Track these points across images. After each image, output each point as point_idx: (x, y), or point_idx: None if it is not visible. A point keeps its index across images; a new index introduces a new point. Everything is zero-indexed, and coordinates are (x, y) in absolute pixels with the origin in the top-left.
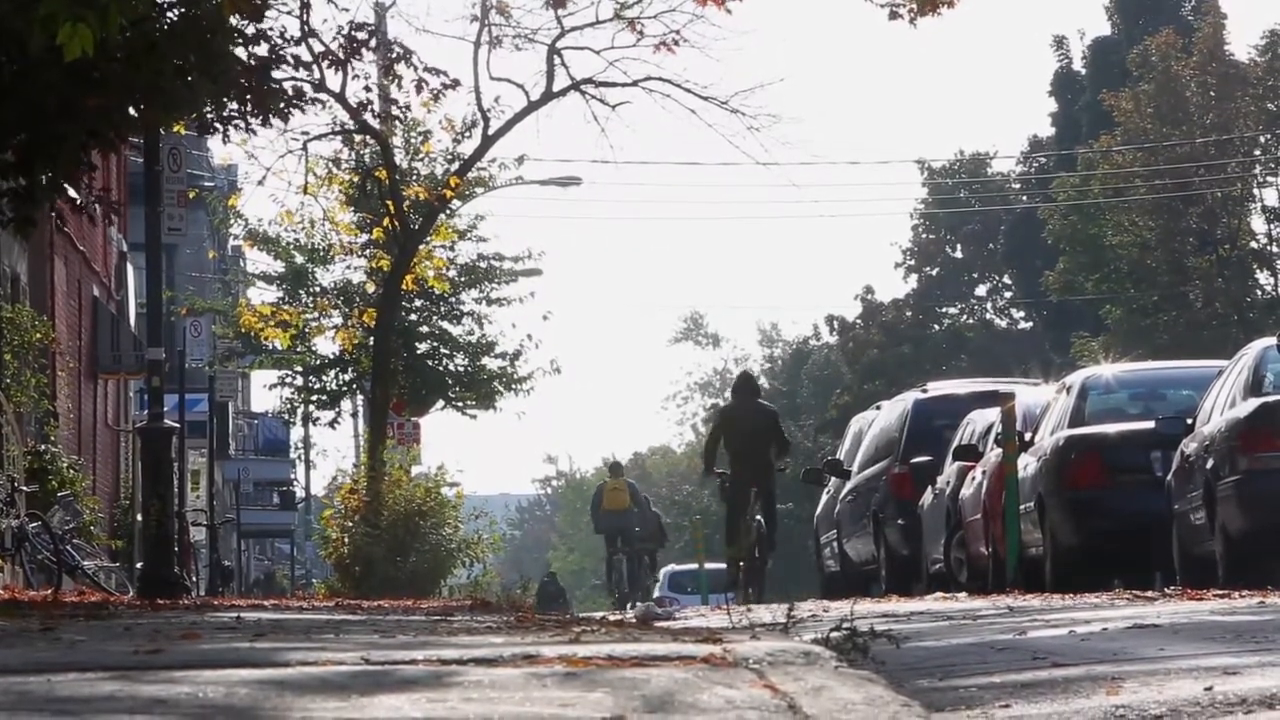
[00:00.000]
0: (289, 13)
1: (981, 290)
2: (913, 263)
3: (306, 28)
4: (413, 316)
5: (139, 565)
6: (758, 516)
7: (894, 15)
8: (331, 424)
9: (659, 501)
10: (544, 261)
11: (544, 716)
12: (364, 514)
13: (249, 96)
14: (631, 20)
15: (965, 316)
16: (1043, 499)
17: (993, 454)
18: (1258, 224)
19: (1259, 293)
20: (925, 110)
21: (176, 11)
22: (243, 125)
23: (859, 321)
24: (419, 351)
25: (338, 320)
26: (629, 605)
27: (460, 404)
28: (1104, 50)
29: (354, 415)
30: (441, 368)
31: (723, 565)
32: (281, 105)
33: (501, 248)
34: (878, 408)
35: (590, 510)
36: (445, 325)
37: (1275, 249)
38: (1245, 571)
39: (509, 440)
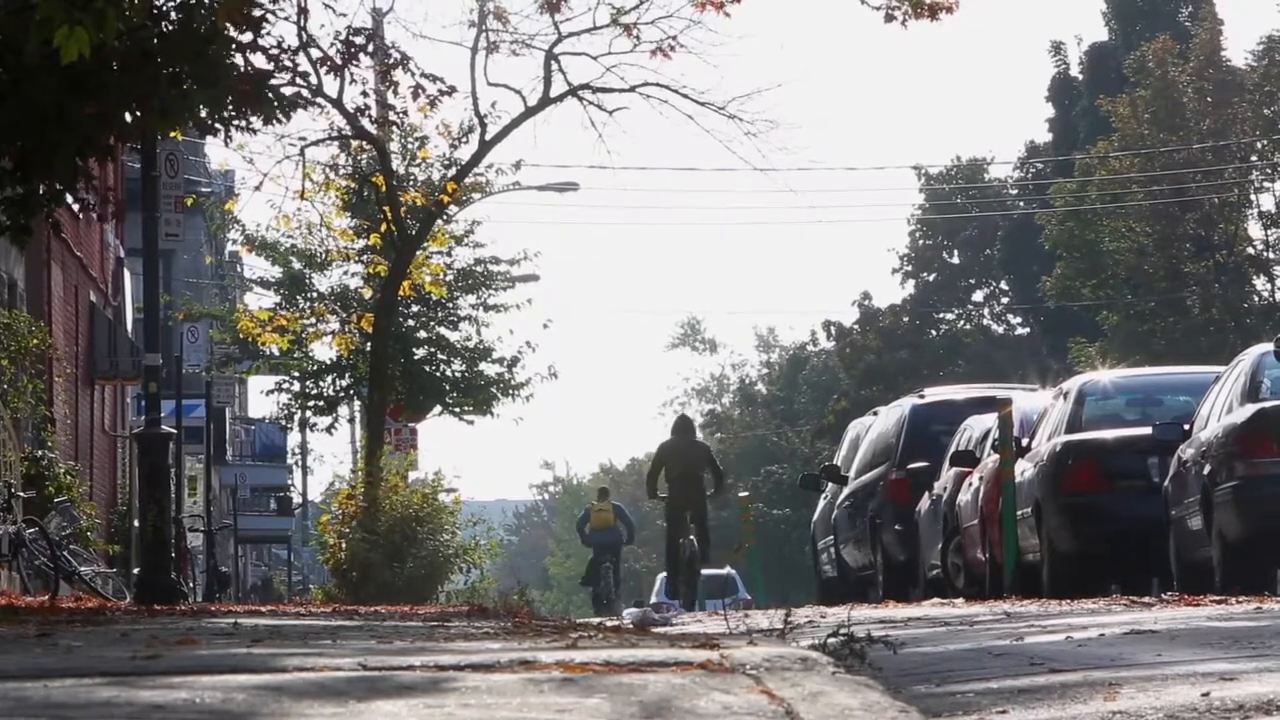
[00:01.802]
0: (285, 18)
1: (979, 296)
2: (910, 268)
3: (304, 34)
4: (410, 322)
5: (136, 571)
6: (690, 537)
7: (890, 18)
8: (329, 429)
9: (655, 507)
10: (540, 265)
11: None
12: (361, 519)
13: (246, 105)
14: (628, 26)
15: (962, 322)
16: (1040, 504)
17: (990, 459)
18: (1255, 230)
19: (1256, 298)
20: (922, 116)
21: (173, 19)
22: (243, 125)
23: (856, 327)
24: (416, 357)
25: (335, 325)
26: (605, 602)
27: (457, 409)
28: (1101, 56)
29: (351, 421)
30: (439, 373)
31: (718, 571)
32: (279, 107)
33: (498, 253)
34: (875, 413)
35: (576, 527)
36: (442, 330)
37: (1272, 255)
38: (1242, 577)
39: (506, 446)
